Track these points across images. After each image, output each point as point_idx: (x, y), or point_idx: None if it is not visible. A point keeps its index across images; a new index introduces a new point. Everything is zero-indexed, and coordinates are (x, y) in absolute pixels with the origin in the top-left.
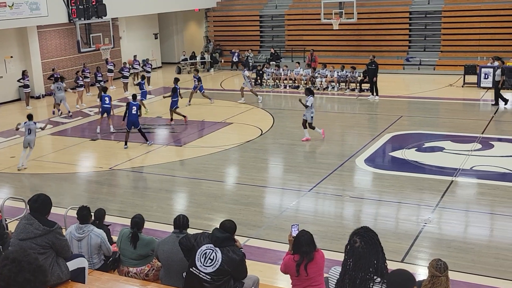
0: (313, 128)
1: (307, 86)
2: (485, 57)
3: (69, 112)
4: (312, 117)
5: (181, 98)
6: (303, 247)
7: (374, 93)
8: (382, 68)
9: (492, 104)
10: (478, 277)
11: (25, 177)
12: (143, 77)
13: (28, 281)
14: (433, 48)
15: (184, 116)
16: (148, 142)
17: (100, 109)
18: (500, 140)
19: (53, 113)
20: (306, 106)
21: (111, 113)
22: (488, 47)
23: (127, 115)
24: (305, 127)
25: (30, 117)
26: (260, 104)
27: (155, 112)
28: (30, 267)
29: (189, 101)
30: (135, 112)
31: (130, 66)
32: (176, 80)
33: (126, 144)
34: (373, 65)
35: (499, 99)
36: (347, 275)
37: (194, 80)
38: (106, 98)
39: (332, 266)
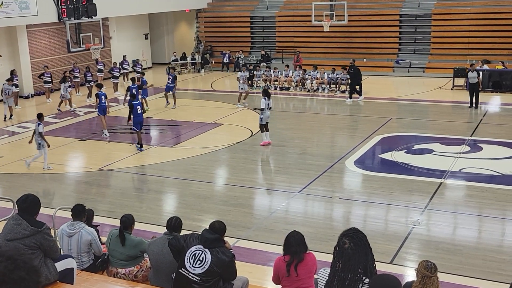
0: (262, 131)
1: (265, 88)
2: (474, 60)
3: (6, 118)
4: (261, 118)
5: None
6: (293, 247)
7: (349, 95)
8: (372, 70)
9: (474, 108)
10: (466, 279)
11: (14, 177)
12: (143, 74)
13: (23, 279)
14: (423, 50)
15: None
16: (137, 145)
17: (97, 108)
18: (488, 142)
19: (59, 110)
20: (262, 109)
21: (107, 112)
22: (478, 50)
23: (132, 115)
24: (262, 131)
25: (38, 116)
26: (240, 108)
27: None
28: (26, 266)
29: (167, 102)
30: (141, 112)
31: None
32: (132, 80)
33: (140, 145)
34: (352, 69)
35: (473, 100)
36: (336, 276)
37: (169, 79)
38: (102, 97)
39: (322, 267)
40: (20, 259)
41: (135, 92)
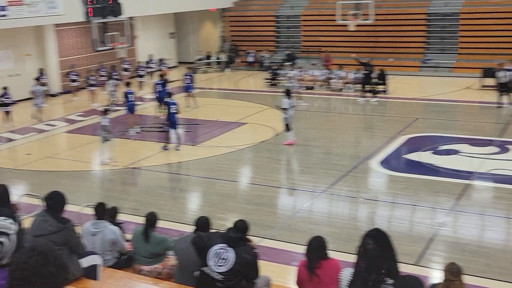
0: (287, 130)
1: (286, 88)
2: (503, 60)
3: (40, 120)
4: (285, 118)
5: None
6: (311, 252)
7: (371, 95)
8: (399, 69)
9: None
10: (493, 282)
11: (41, 174)
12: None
13: (52, 275)
14: (450, 50)
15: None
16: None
17: (126, 107)
18: None
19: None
20: (285, 109)
21: (135, 110)
22: (506, 49)
23: (168, 115)
24: (287, 130)
25: (103, 111)
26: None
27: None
28: (56, 261)
29: (187, 104)
30: (174, 111)
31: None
32: (161, 76)
33: (166, 143)
34: (369, 67)
35: (503, 100)
36: (359, 277)
37: (185, 79)
38: (130, 95)
39: (345, 267)
40: (51, 255)
41: (170, 91)
